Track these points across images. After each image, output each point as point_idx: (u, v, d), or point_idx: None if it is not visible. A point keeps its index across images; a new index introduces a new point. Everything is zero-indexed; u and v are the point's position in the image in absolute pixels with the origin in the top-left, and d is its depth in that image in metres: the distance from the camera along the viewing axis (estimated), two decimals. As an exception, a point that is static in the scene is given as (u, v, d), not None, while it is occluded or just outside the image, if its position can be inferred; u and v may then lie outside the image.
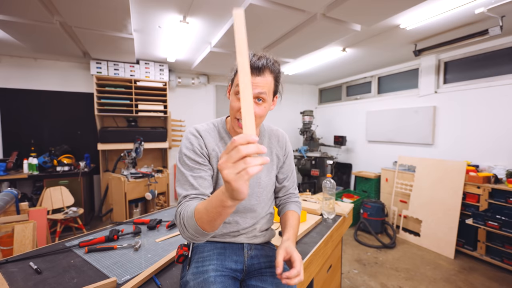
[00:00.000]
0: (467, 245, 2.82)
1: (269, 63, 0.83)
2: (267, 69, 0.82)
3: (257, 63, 0.80)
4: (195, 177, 0.82)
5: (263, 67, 0.80)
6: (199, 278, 0.78)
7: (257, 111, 0.82)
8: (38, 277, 0.97)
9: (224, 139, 0.92)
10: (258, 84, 0.80)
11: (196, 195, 0.79)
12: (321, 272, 1.47)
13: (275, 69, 0.85)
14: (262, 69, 0.80)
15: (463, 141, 3.22)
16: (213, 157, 0.88)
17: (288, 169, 1.05)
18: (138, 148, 3.24)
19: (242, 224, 0.93)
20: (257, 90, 0.80)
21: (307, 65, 3.96)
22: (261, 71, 0.80)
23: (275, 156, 1.00)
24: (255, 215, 0.95)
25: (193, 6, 2.16)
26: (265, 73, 0.81)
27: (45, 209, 2.12)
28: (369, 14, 2.15)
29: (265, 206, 0.98)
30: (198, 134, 0.88)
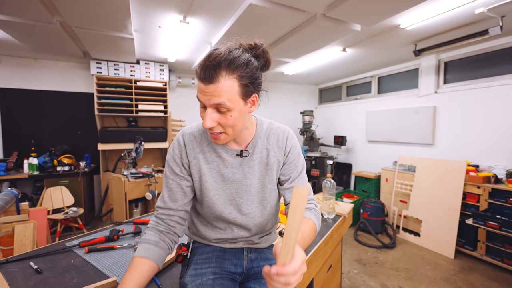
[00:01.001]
0: (467, 245, 2.82)
1: (227, 59, 0.66)
2: (222, 70, 0.65)
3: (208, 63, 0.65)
4: (167, 189, 0.84)
5: (216, 67, 0.65)
6: (197, 280, 0.78)
7: (223, 121, 0.70)
8: (38, 277, 0.97)
9: (212, 144, 0.84)
10: (213, 94, 0.66)
11: (163, 211, 0.83)
12: (321, 272, 1.47)
13: (238, 65, 0.67)
14: (214, 73, 0.65)
15: (463, 141, 3.22)
16: (194, 165, 0.83)
17: (290, 168, 0.88)
18: (138, 148, 3.24)
19: (238, 233, 0.89)
20: (212, 102, 0.67)
21: (307, 65, 3.96)
22: (213, 76, 0.65)
23: (273, 159, 0.86)
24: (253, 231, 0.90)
25: (193, 6, 2.16)
26: (219, 77, 0.65)
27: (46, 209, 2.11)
28: (369, 14, 2.15)
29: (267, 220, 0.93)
30: (182, 141, 0.84)
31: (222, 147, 0.83)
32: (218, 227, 0.89)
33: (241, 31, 2.49)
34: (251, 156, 0.85)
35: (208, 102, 0.68)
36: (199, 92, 0.69)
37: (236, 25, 2.34)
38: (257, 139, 0.86)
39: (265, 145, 0.87)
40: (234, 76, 0.67)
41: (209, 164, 0.84)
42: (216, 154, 0.84)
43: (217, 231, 0.89)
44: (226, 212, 0.85)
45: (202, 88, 0.67)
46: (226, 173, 0.84)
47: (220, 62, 0.65)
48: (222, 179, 0.84)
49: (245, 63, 0.68)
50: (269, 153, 0.86)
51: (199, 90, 0.69)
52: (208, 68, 0.65)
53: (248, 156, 0.85)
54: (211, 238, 0.90)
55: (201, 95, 0.69)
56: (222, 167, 0.84)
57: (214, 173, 0.84)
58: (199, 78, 0.67)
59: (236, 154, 0.84)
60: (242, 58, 0.68)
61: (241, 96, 0.70)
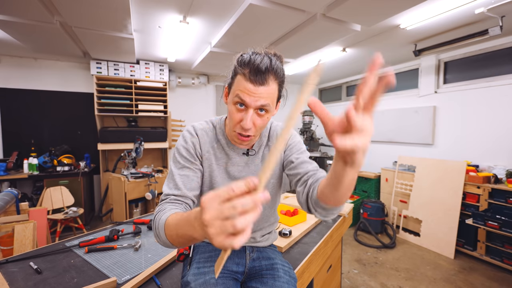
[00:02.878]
0: (467, 245, 2.82)
1: (274, 66, 0.71)
2: (271, 74, 0.71)
3: (260, 66, 0.69)
4: (181, 176, 0.79)
5: (266, 72, 0.70)
6: (200, 279, 0.78)
7: (258, 123, 0.75)
8: (38, 277, 0.97)
9: (220, 142, 0.87)
10: (261, 96, 0.71)
11: (176, 197, 0.75)
12: (321, 272, 1.47)
13: (280, 72, 0.74)
14: (266, 76, 0.70)
15: (463, 141, 3.22)
16: (206, 159, 0.85)
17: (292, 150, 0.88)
18: (138, 148, 3.24)
19: None
20: (259, 103, 0.71)
21: (307, 65, 3.96)
22: (264, 79, 0.70)
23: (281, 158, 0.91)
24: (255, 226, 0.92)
25: (193, 6, 2.16)
26: (268, 81, 0.71)
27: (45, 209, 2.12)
28: (369, 14, 2.15)
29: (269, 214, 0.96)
30: (195, 133, 0.85)
31: (229, 145, 0.86)
32: None
33: (241, 31, 2.48)
34: (256, 155, 0.89)
35: (255, 103, 0.71)
36: (244, 93, 0.71)
37: (236, 25, 2.34)
38: (262, 139, 0.91)
39: (268, 143, 0.92)
40: (277, 81, 0.74)
41: (218, 161, 0.86)
42: (224, 152, 0.87)
43: None
44: None
45: (251, 89, 0.70)
46: (232, 171, 0.87)
47: (270, 67, 0.70)
48: (228, 176, 0.87)
49: (283, 70, 0.76)
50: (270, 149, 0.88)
51: (244, 91, 0.70)
52: (260, 71, 0.69)
53: (254, 155, 0.89)
54: None
55: (247, 96, 0.70)
56: (229, 165, 0.87)
57: (221, 170, 0.86)
58: (249, 80, 0.70)
59: (243, 153, 0.88)
60: (281, 66, 0.75)
61: (276, 100, 0.78)
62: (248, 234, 0.36)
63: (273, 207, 0.96)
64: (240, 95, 0.71)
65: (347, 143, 0.38)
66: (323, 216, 0.70)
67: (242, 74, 0.71)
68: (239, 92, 0.71)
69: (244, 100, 0.71)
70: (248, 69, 0.70)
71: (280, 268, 0.87)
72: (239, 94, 0.71)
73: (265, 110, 0.74)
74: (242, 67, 0.71)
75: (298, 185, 0.79)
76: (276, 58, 0.75)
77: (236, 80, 0.74)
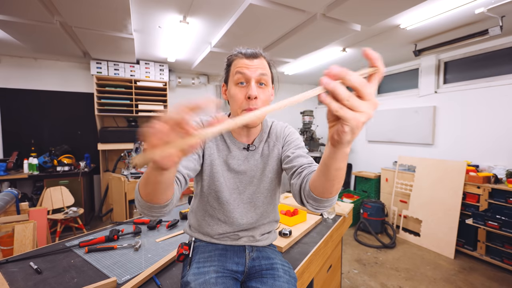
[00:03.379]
0: (467, 245, 2.82)
1: (261, 51, 0.85)
2: (260, 55, 0.83)
3: (249, 51, 0.82)
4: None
5: (256, 53, 0.82)
6: (200, 279, 0.79)
7: (262, 96, 0.80)
8: (38, 277, 0.97)
9: (223, 136, 0.91)
10: (258, 66, 0.80)
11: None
12: (321, 272, 1.47)
13: (267, 57, 0.86)
14: (257, 54, 0.82)
15: (463, 141, 3.22)
16: (208, 148, 0.89)
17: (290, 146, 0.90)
18: (138, 148, 3.24)
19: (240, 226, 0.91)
20: (258, 72, 0.79)
21: (307, 65, 3.96)
22: (257, 55, 0.82)
23: (274, 150, 0.92)
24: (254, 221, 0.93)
25: (193, 6, 2.16)
26: (260, 57, 0.82)
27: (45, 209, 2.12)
28: (369, 14, 2.15)
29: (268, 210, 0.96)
30: (201, 123, 0.88)
31: (231, 140, 0.90)
32: (221, 220, 0.91)
33: (241, 31, 2.48)
34: (256, 150, 0.91)
35: (255, 72, 0.79)
36: (242, 67, 0.79)
37: (236, 25, 2.34)
38: (262, 134, 0.94)
39: (268, 139, 0.94)
40: (267, 60, 0.85)
41: (219, 153, 0.90)
42: (226, 145, 0.90)
43: (220, 224, 0.91)
44: (231, 199, 0.89)
45: (247, 63, 0.79)
46: (232, 164, 0.89)
47: (258, 52, 0.83)
48: (228, 168, 0.90)
49: (268, 56, 0.87)
50: (269, 145, 0.94)
51: (242, 65, 0.79)
52: (253, 52, 0.81)
53: (254, 150, 0.91)
54: (214, 234, 0.92)
55: (246, 69, 0.79)
56: (229, 158, 0.89)
57: (221, 161, 0.89)
58: (244, 56, 0.81)
59: (243, 148, 0.90)
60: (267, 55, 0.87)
61: (271, 79, 0.85)
62: (163, 158, 0.37)
63: (272, 203, 0.96)
64: (239, 70, 0.79)
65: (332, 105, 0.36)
66: (315, 208, 0.69)
67: (236, 57, 0.82)
68: (238, 68, 0.79)
69: (244, 73, 0.78)
70: (240, 53, 0.82)
71: (280, 268, 0.87)
72: (238, 70, 0.79)
73: (264, 83, 0.81)
74: (235, 55, 0.83)
75: (293, 177, 0.79)
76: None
77: (232, 66, 0.83)
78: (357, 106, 0.36)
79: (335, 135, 0.41)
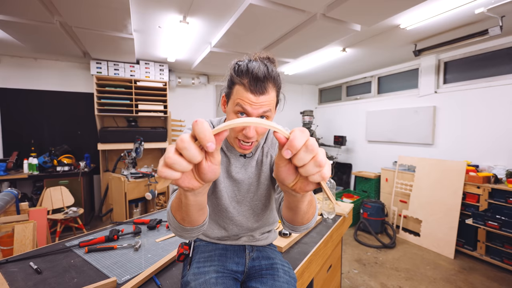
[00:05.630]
0: (467, 245, 2.82)
1: (272, 73, 0.73)
2: (269, 82, 0.72)
3: (258, 75, 0.70)
4: None
5: (265, 80, 0.71)
6: (200, 278, 0.79)
7: (260, 130, 0.74)
8: (38, 277, 0.97)
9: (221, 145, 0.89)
10: (262, 104, 0.72)
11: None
12: (321, 272, 1.47)
13: (278, 79, 0.76)
14: (265, 84, 0.71)
15: (463, 141, 3.22)
16: None
17: None
18: (138, 148, 3.23)
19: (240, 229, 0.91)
20: (261, 110, 0.72)
21: (307, 65, 3.95)
22: (264, 88, 0.71)
23: (268, 157, 0.90)
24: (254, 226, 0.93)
25: (193, 6, 2.16)
26: (268, 89, 0.72)
27: (45, 209, 2.12)
28: (369, 14, 2.15)
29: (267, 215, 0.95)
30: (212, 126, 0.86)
31: (228, 147, 0.87)
32: (220, 225, 0.91)
33: (241, 31, 2.49)
34: (252, 157, 0.89)
35: (257, 112, 0.71)
36: (245, 102, 0.71)
37: (236, 25, 2.34)
38: (260, 141, 0.90)
39: (263, 145, 0.91)
40: (275, 88, 0.75)
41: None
42: (224, 153, 0.88)
43: (219, 229, 0.91)
44: (231, 207, 0.88)
45: (252, 99, 0.70)
46: (232, 171, 0.88)
47: (268, 75, 0.72)
48: (227, 176, 0.88)
49: (279, 76, 0.77)
50: (264, 151, 0.91)
51: (245, 100, 0.71)
52: (259, 80, 0.70)
53: (251, 157, 0.89)
54: (213, 237, 0.92)
55: (248, 106, 0.71)
56: (227, 165, 0.88)
57: (222, 168, 0.88)
58: (249, 90, 0.70)
59: (240, 155, 0.88)
60: (277, 73, 0.76)
61: (275, 106, 0.79)
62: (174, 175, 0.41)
63: (270, 207, 0.95)
64: (241, 104, 0.71)
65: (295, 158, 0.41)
66: (292, 231, 0.72)
67: (241, 84, 0.72)
68: (240, 101, 0.71)
69: (246, 109, 0.71)
70: (246, 79, 0.71)
71: (280, 268, 0.87)
72: (240, 103, 0.72)
73: (265, 117, 0.74)
74: (240, 76, 0.72)
75: (276, 191, 0.84)
76: (270, 63, 0.77)
77: (235, 90, 0.74)
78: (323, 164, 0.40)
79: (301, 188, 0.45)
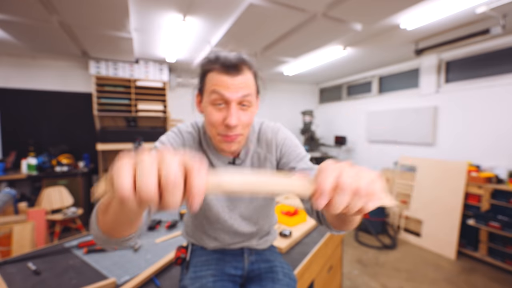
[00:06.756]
0: (469, 245, 2.80)
1: (243, 56, 0.67)
2: (243, 64, 0.65)
3: (230, 58, 0.64)
4: None
5: (238, 62, 0.65)
6: (197, 283, 0.77)
7: (244, 119, 0.67)
8: (37, 278, 0.96)
9: (203, 148, 0.79)
10: (240, 85, 0.64)
11: None
12: (322, 273, 1.46)
13: (252, 63, 0.69)
14: (239, 66, 0.64)
15: (465, 141, 3.21)
16: None
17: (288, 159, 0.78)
18: (137, 148, 3.22)
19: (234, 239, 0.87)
20: (240, 93, 0.64)
21: (307, 65, 3.95)
22: (239, 68, 0.64)
23: (264, 161, 0.82)
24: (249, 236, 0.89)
25: (193, 6, 2.15)
26: (243, 70, 0.65)
27: (44, 210, 2.11)
28: (370, 13, 2.14)
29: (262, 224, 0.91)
30: (181, 136, 0.77)
31: (214, 154, 0.78)
32: (212, 237, 0.86)
33: (241, 31, 2.48)
34: (243, 164, 0.80)
35: (236, 94, 0.64)
36: (221, 86, 0.63)
37: (236, 24, 2.33)
38: (249, 145, 0.80)
39: (256, 149, 0.81)
40: (251, 71, 0.68)
41: None
42: (209, 160, 0.78)
43: (213, 241, 0.87)
44: (223, 219, 0.82)
45: (227, 81, 0.63)
46: None
47: (240, 57, 0.65)
48: None
49: (254, 62, 0.70)
50: (260, 156, 0.81)
51: (220, 84, 0.63)
52: (232, 60, 0.64)
53: (241, 164, 0.79)
54: (208, 247, 0.88)
55: (224, 89, 0.63)
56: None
57: None
58: (222, 71, 0.63)
59: (228, 162, 0.78)
60: (250, 58, 0.69)
61: (256, 92, 0.71)
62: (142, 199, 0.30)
63: (268, 214, 0.91)
64: (217, 89, 0.64)
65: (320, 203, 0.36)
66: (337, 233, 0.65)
67: (213, 70, 0.65)
68: (215, 87, 0.64)
69: (223, 94, 0.63)
70: (218, 64, 0.64)
71: (279, 270, 0.86)
72: (215, 89, 0.64)
73: (247, 103, 0.66)
74: (211, 63, 0.66)
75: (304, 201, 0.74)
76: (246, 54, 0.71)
77: (207, 79, 0.67)
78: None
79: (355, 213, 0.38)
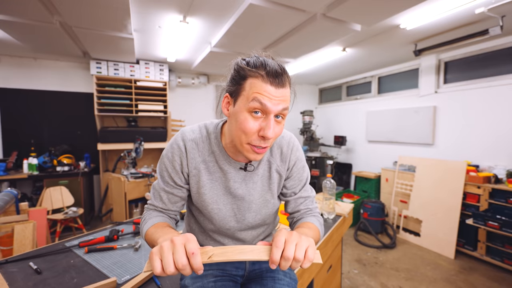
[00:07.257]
0: (468, 245, 2.81)
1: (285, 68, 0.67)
2: (286, 76, 0.65)
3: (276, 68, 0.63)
4: (166, 192, 0.77)
5: (283, 73, 0.64)
6: (197, 282, 0.78)
7: (277, 131, 0.66)
8: (38, 277, 0.96)
9: (215, 154, 0.76)
10: (282, 99, 0.63)
11: (161, 210, 0.80)
12: (321, 272, 1.47)
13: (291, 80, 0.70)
14: (283, 78, 0.64)
15: (463, 141, 3.22)
16: (193, 176, 0.76)
17: (294, 183, 0.84)
18: (138, 148, 3.23)
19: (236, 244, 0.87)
20: (281, 106, 0.63)
21: (307, 65, 3.95)
22: (284, 80, 0.64)
23: (275, 172, 0.81)
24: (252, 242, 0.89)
25: (193, 6, 2.16)
26: (286, 83, 0.65)
27: (45, 209, 2.11)
28: (369, 14, 2.14)
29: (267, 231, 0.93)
30: (184, 148, 0.75)
31: (226, 159, 0.76)
32: (217, 240, 0.85)
33: (241, 31, 2.48)
34: (255, 171, 0.79)
35: (276, 107, 0.63)
36: (264, 97, 0.62)
37: (236, 25, 2.33)
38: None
39: (268, 157, 0.81)
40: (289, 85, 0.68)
41: (211, 175, 0.77)
42: (218, 166, 0.77)
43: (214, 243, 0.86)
44: (225, 227, 0.81)
45: (271, 92, 0.62)
46: (233, 187, 0.78)
47: (283, 69, 0.65)
48: (224, 192, 0.78)
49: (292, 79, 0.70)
50: (271, 166, 0.81)
51: (265, 94, 0.62)
52: (279, 72, 0.63)
53: (253, 171, 0.79)
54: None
55: (268, 100, 0.62)
56: (224, 180, 0.77)
57: (216, 185, 0.77)
58: (269, 81, 0.62)
59: (240, 168, 0.77)
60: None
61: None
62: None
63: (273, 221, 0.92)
64: (259, 98, 0.61)
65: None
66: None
67: (259, 75, 0.62)
68: (258, 95, 0.61)
69: (265, 104, 0.61)
70: (263, 70, 0.62)
71: (280, 270, 0.87)
72: (258, 97, 0.61)
73: (282, 116, 0.66)
74: (255, 68, 0.63)
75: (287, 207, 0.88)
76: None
77: (247, 84, 0.63)
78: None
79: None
